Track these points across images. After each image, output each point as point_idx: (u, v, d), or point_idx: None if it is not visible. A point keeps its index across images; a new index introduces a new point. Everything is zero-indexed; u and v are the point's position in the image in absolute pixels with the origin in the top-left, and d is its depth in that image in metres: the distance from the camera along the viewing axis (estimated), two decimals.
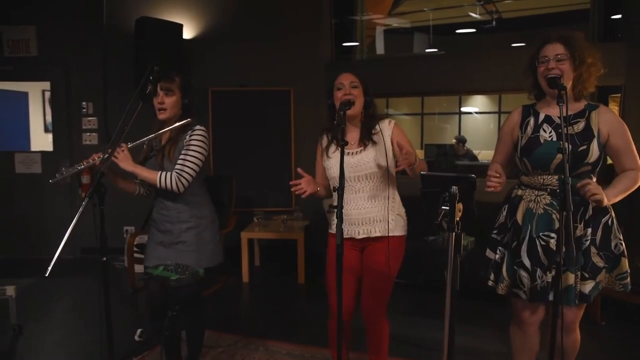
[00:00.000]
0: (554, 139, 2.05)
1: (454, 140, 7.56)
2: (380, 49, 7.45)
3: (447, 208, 1.52)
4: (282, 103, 5.03)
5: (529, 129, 2.12)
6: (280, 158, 5.06)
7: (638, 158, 2.06)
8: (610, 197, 1.99)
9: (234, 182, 4.38)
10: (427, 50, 8.80)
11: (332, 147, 2.35)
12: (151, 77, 2.14)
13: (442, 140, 9.49)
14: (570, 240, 1.87)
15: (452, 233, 1.52)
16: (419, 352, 3.01)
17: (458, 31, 8.51)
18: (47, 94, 5.64)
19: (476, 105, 10.10)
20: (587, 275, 2.04)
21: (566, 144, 1.86)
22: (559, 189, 2.03)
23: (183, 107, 2.33)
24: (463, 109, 10.02)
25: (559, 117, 2.06)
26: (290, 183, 2.17)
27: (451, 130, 9.87)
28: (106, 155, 2.15)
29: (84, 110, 5.15)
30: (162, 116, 2.28)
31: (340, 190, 1.93)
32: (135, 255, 4.17)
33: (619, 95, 4.17)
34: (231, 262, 4.54)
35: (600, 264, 2.06)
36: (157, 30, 4.52)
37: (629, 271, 2.09)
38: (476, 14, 8.35)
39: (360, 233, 2.29)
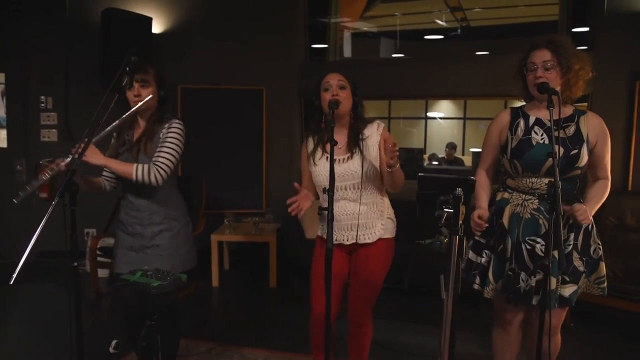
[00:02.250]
0: (546, 141, 2.05)
1: (447, 149, 7.73)
2: (347, 52, 7.47)
3: (451, 210, 1.47)
4: (254, 103, 4.91)
5: (520, 131, 2.11)
6: (252, 159, 4.93)
7: (609, 167, 2.12)
8: (591, 214, 2.05)
9: (204, 183, 4.24)
10: (394, 55, 8.89)
11: (318, 153, 2.27)
12: (128, 68, 2.00)
13: (409, 144, 9.60)
14: (561, 245, 1.88)
15: (455, 236, 1.47)
16: (401, 357, 2.97)
17: (426, 37, 8.62)
18: (1, 87, 5.29)
19: (441, 111, 10.28)
20: (568, 279, 2.06)
21: (557, 148, 1.87)
22: (547, 194, 2.04)
23: (160, 99, 2.24)
24: (429, 114, 10.18)
25: (550, 120, 2.09)
26: (288, 202, 2.07)
27: (417, 135, 10.00)
28: (76, 156, 2.00)
29: (43, 105, 4.84)
30: (141, 109, 2.17)
31: (331, 191, 1.87)
32: (99, 259, 3.95)
33: (586, 104, 4.29)
34: (200, 265, 4.39)
35: (581, 268, 2.09)
36: (124, 23, 4.32)
37: (605, 275, 2.13)
38: (442, 21, 8.50)
39: (348, 239, 2.25)
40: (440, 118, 10.33)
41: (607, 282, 2.13)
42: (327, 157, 2.20)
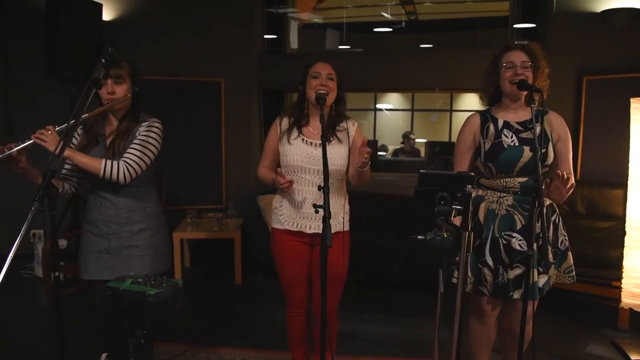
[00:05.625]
0: (517, 143, 2.15)
1: (405, 140, 7.84)
2: (294, 43, 7.42)
3: (460, 207, 1.50)
4: (212, 95, 4.76)
5: (491, 134, 2.19)
6: (211, 152, 4.79)
7: (571, 164, 2.25)
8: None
9: (163, 179, 4.06)
10: (340, 47, 8.93)
11: (294, 133, 2.25)
12: (104, 60, 1.86)
13: None
14: (546, 238, 1.99)
15: (465, 232, 1.50)
16: (403, 352, 2.99)
17: (376, 30, 8.72)
18: None
19: (390, 102, 10.45)
20: (541, 270, 2.17)
21: (533, 146, 1.96)
22: (521, 191, 2.14)
23: (134, 95, 2.12)
24: (378, 106, 10.33)
25: (517, 123, 2.18)
26: (282, 182, 2.11)
27: (367, 126, 10.12)
28: (28, 142, 1.86)
29: None
30: (114, 107, 2.07)
31: (326, 189, 1.85)
32: None
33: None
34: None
35: (551, 259, 2.20)
36: (72, 9, 4.03)
37: (573, 264, 2.26)
38: (387, 13, 8.63)
39: (311, 228, 2.23)
40: (389, 110, 10.51)
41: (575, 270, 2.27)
42: (304, 139, 2.23)
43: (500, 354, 2.54)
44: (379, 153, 8.92)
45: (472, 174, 1.62)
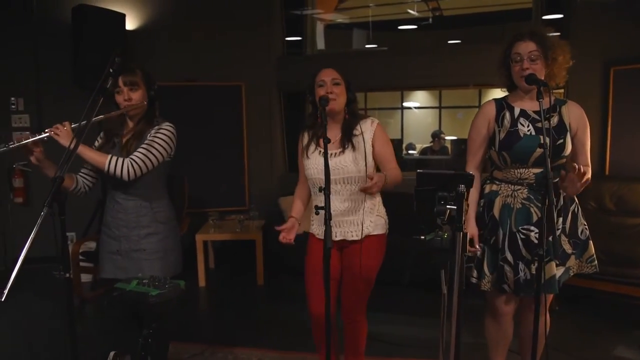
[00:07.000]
0: (533, 132, 2.09)
1: (435, 139, 7.71)
2: (321, 44, 7.43)
3: (454, 207, 1.48)
4: (233, 99, 4.85)
5: (507, 123, 2.13)
6: (233, 155, 4.88)
7: (589, 155, 2.17)
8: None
9: (186, 182, 4.16)
10: (367, 46, 8.89)
11: (312, 146, 2.27)
12: (112, 70, 1.93)
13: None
14: (555, 232, 1.93)
15: (459, 233, 1.48)
16: (400, 350, 2.98)
17: (400, 27, 8.63)
18: None
19: (417, 100, 10.33)
20: (557, 262, 2.11)
21: (547, 138, 1.90)
22: (535, 183, 2.08)
23: (150, 100, 2.19)
24: (405, 104, 10.23)
25: (534, 112, 2.12)
26: (277, 229, 2.23)
27: (394, 125, 10.04)
28: (44, 134, 1.96)
29: (14, 106, 4.65)
30: (130, 112, 2.16)
31: (327, 190, 1.86)
32: (82, 264, 3.85)
33: (562, 91, 4.37)
34: (186, 265, 4.33)
35: (569, 250, 2.14)
36: (97, 19, 4.19)
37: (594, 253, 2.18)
38: (414, 10, 8.52)
39: (337, 235, 2.23)
40: (416, 108, 10.39)
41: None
42: (320, 151, 2.22)
43: (519, 356, 2.48)
44: (409, 152, 8.84)
45: (472, 173, 1.59)
